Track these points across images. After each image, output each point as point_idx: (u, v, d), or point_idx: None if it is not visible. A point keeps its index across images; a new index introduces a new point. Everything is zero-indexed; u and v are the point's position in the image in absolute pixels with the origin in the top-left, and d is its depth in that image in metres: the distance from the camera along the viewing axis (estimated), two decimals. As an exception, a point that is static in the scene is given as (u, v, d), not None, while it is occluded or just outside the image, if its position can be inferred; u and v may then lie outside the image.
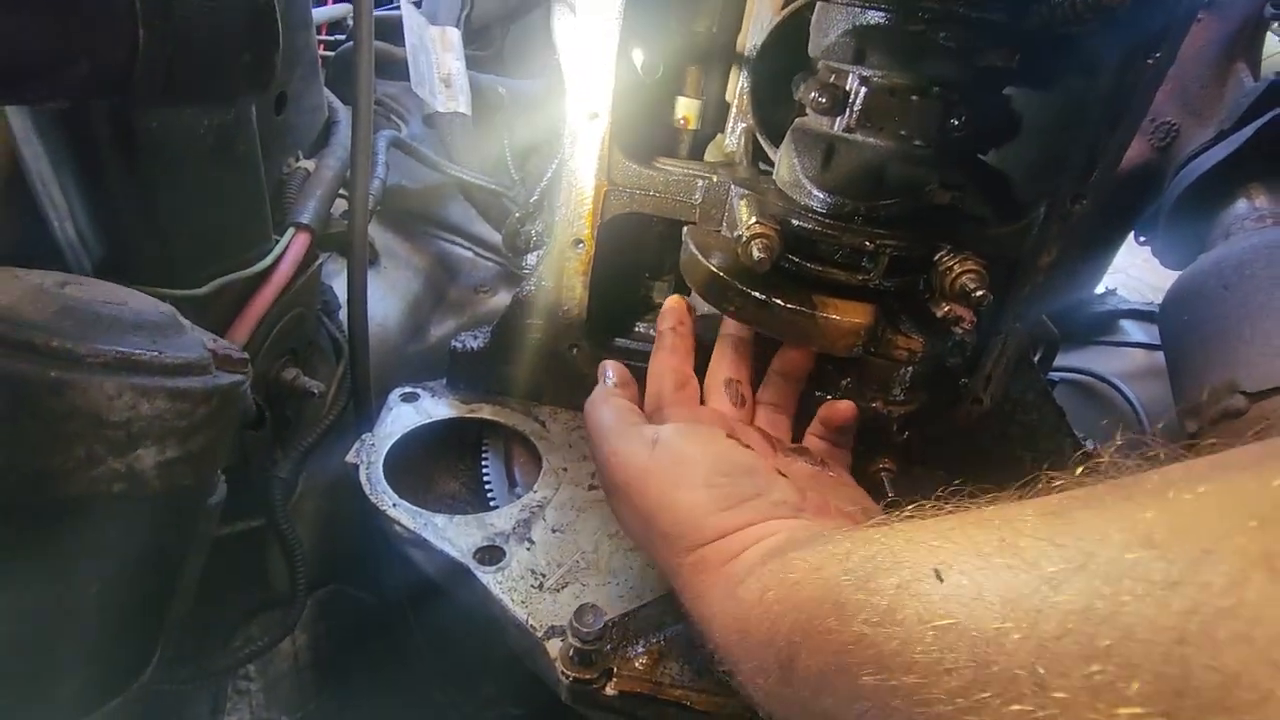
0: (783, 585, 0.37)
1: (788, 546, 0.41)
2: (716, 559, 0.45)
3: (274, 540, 0.71)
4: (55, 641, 0.34)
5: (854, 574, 0.32)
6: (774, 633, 0.36)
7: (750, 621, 0.39)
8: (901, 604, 0.28)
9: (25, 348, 0.29)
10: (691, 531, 0.47)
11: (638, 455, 0.52)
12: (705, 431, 0.53)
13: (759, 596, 0.38)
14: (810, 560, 0.36)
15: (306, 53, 0.69)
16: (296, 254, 0.61)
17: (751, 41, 0.68)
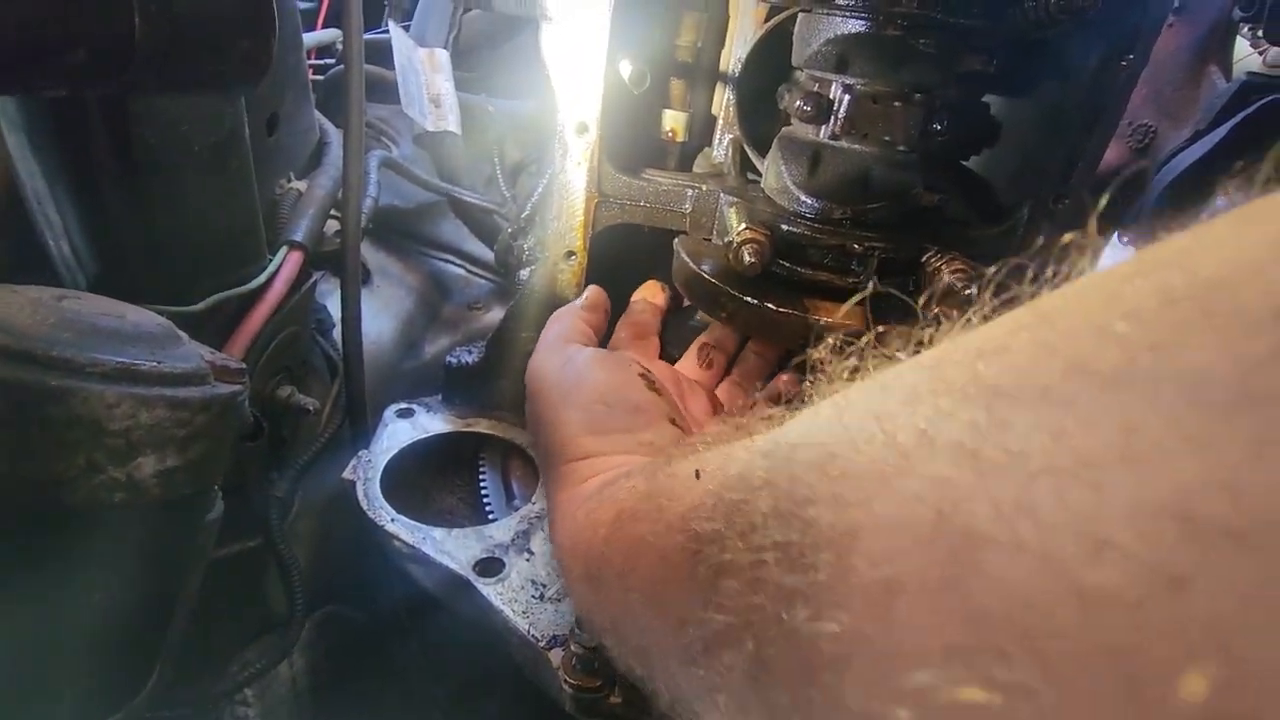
0: (604, 502, 0.41)
1: (616, 480, 0.44)
2: (572, 479, 0.48)
3: (270, 561, 0.71)
4: (54, 655, 0.34)
5: (648, 485, 0.36)
6: (591, 543, 0.39)
7: (578, 535, 0.42)
8: (669, 504, 0.31)
9: (26, 358, 0.30)
10: (562, 447, 0.51)
11: (550, 367, 0.57)
12: (615, 361, 0.57)
13: (587, 514, 0.42)
14: (630, 479, 0.40)
15: (298, 74, 0.70)
16: (290, 271, 0.61)
17: (735, 55, 0.69)
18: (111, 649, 0.37)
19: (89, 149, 0.41)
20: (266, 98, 0.65)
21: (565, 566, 0.45)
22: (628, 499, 0.37)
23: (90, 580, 0.34)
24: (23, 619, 0.33)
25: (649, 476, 0.37)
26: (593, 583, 0.39)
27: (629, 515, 0.36)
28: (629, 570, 0.33)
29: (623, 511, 0.37)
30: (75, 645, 0.35)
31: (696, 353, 0.67)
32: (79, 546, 0.33)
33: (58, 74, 0.33)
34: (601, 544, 0.37)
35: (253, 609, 0.73)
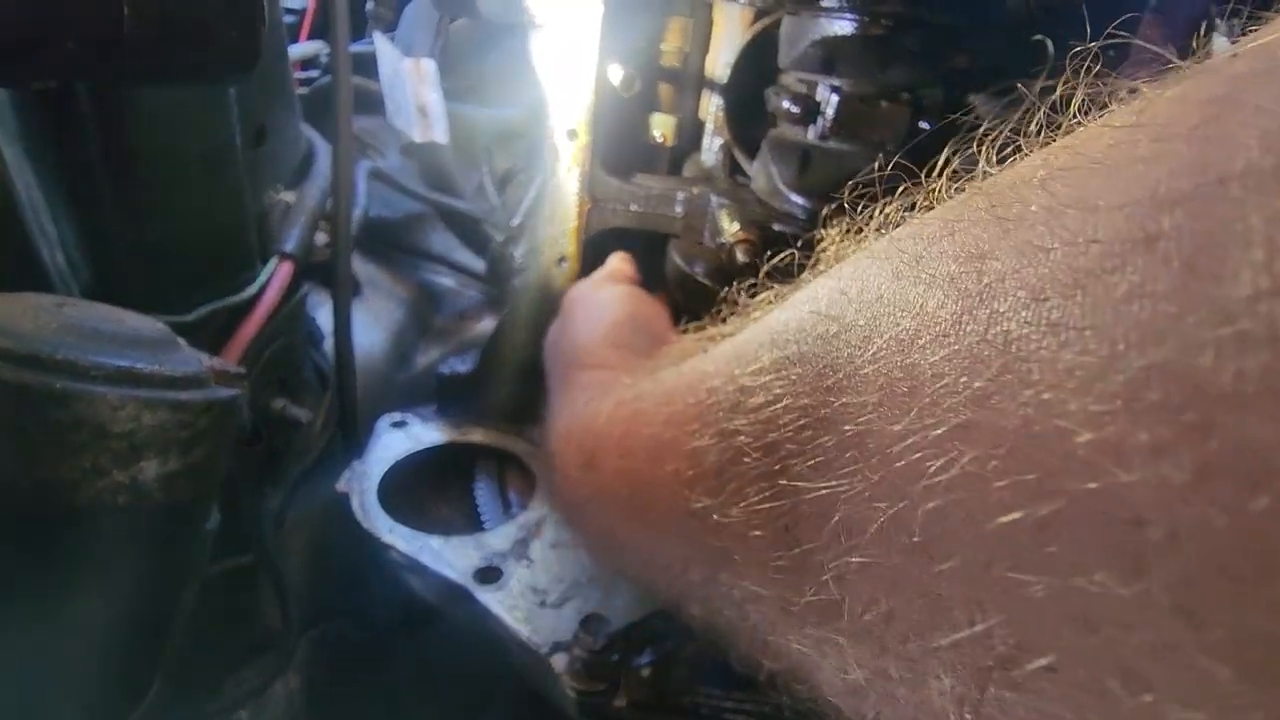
0: (604, 395, 0.42)
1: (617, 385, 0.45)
2: (577, 385, 0.49)
3: (264, 578, 0.70)
4: (55, 665, 0.33)
5: (652, 372, 0.38)
6: (587, 430, 0.40)
7: (574, 427, 0.43)
8: (671, 376, 0.33)
9: (31, 361, 0.29)
10: (580, 352, 0.53)
11: (587, 290, 0.63)
12: (648, 298, 0.62)
13: (584, 407, 0.43)
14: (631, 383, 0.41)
15: (284, 85, 0.70)
16: (282, 281, 0.61)
17: (722, 60, 0.70)
18: (111, 660, 0.37)
19: (84, 158, 0.40)
20: (254, 109, 0.65)
21: (556, 458, 0.46)
22: (628, 387, 0.39)
23: (91, 587, 0.33)
24: (25, 627, 0.32)
25: (652, 367, 0.39)
26: (587, 467, 0.39)
27: (631, 397, 0.36)
28: (626, 440, 0.34)
29: (623, 398, 0.37)
30: (76, 655, 0.34)
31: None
32: (81, 552, 0.32)
33: (46, 65, 0.32)
34: (599, 428, 0.38)
35: (247, 626, 0.72)
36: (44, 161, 0.40)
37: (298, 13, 1.09)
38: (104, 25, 0.34)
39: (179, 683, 0.50)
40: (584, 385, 0.49)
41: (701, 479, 0.27)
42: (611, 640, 0.51)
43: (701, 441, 0.27)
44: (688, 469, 0.28)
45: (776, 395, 0.24)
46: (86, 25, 0.33)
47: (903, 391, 0.19)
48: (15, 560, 0.32)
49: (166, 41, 0.36)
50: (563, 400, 0.50)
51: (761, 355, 0.26)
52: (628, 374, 0.48)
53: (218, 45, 0.39)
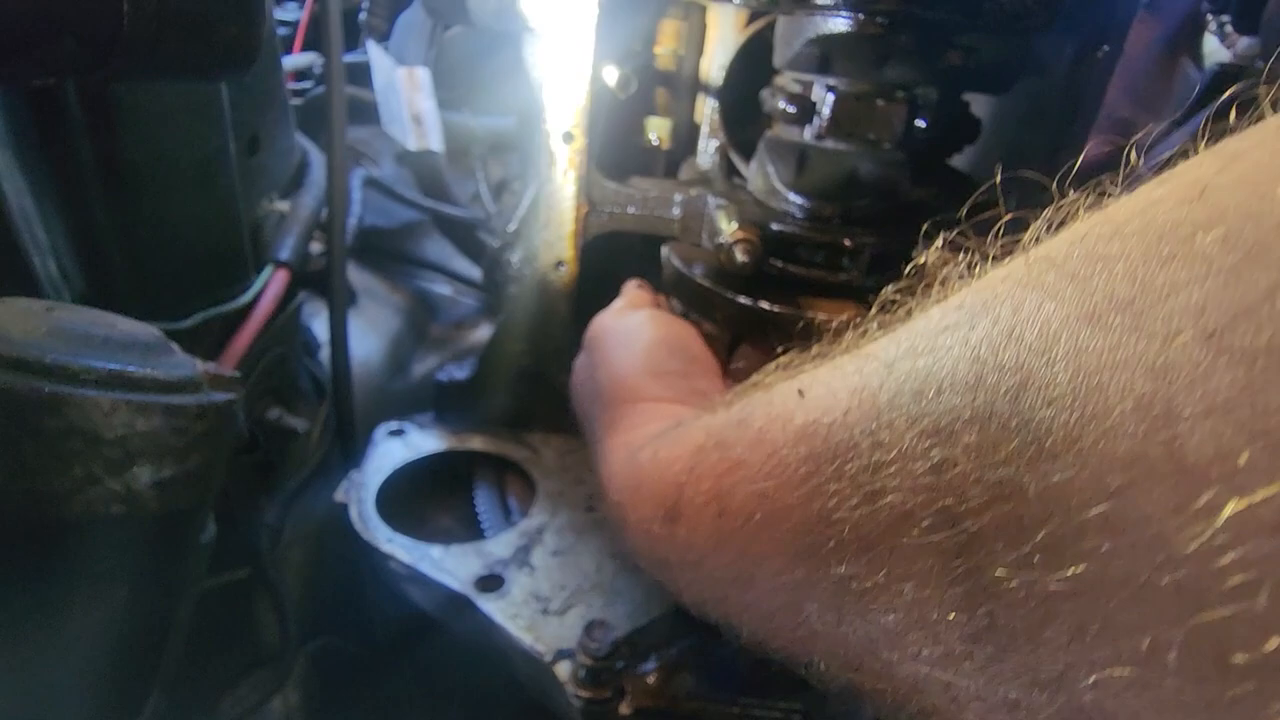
0: (675, 440, 0.39)
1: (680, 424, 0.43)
2: (629, 422, 0.47)
3: (261, 592, 0.69)
4: (51, 676, 0.32)
5: (733, 414, 0.34)
6: (663, 480, 0.37)
7: (643, 475, 0.41)
8: (770, 425, 0.29)
9: (20, 365, 0.29)
10: (620, 387, 0.51)
11: (613, 318, 0.60)
12: (673, 318, 0.60)
13: (653, 454, 0.41)
14: (700, 418, 0.39)
15: (278, 94, 0.70)
16: (277, 290, 0.60)
17: (716, 62, 0.70)
18: (107, 673, 0.36)
19: (75, 163, 0.40)
20: (247, 118, 0.64)
21: (627, 510, 0.42)
22: (700, 428, 0.36)
23: (86, 599, 0.33)
24: (22, 640, 0.31)
25: (729, 405, 0.36)
26: (670, 521, 0.36)
27: (713, 442, 0.34)
28: (723, 498, 0.31)
29: (704, 444, 0.34)
30: (71, 668, 0.33)
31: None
32: (76, 563, 0.32)
33: (46, 62, 0.32)
34: (679, 478, 0.35)
35: (244, 642, 0.71)
36: (34, 167, 0.40)
37: (291, 24, 1.09)
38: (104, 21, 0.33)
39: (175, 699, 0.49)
40: (636, 423, 0.46)
41: (843, 547, 0.24)
42: (616, 647, 0.50)
43: (835, 502, 0.24)
44: (821, 531, 0.25)
45: (951, 458, 0.21)
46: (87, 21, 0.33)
47: (1164, 470, 0.16)
48: (6, 573, 0.32)
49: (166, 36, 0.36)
50: (614, 442, 0.47)
51: (905, 405, 0.23)
52: (686, 408, 0.47)
53: (217, 40, 0.39)
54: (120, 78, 0.41)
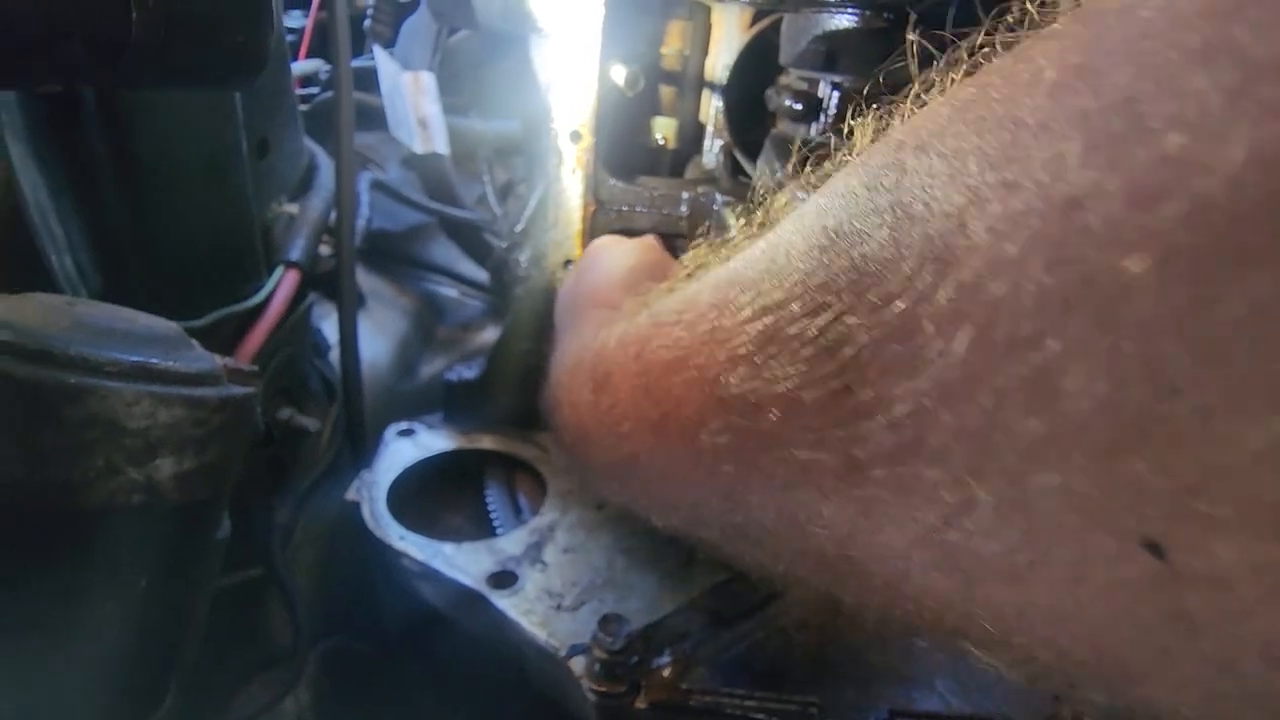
0: (613, 329, 0.41)
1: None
2: (588, 324, 0.49)
3: (273, 591, 0.69)
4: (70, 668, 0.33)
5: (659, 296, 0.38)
6: (599, 357, 0.40)
7: (583, 357, 0.43)
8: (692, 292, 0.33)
9: (43, 357, 0.29)
10: (590, 296, 0.54)
11: (601, 242, 0.63)
12: (659, 249, 0.63)
13: (594, 333, 0.43)
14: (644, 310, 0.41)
15: (286, 98, 0.70)
16: (288, 290, 0.60)
17: (721, 62, 0.71)
18: (127, 666, 0.36)
19: (91, 161, 0.40)
20: (257, 121, 0.65)
21: (562, 390, 0.45)
22: (639, 310, 0.38)
23: (105, 591, 0.33)
24: (42, 632, 0.31)
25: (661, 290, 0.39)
26: (597, 390, 0.39)
27: (645, 317, 0.36)
28: (645, 354, 0.34)
29: (636, 319, 0.37)
30: (89, 662, 0.34)
31: None
32: (96, 554, 0.32)
33: (53, 67, 0.32)
34: (612, 353, 0.38)
35: (256, 642, 0.71)
36: (51, 164, 0.40)
37: (296, 31, 1.10)
38: (111, 27, 0.34)
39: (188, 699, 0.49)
40: (592, 321, 0.48)
41: (737, 362, 0.27)
42: (631, 641, 0.50)
43: (733, 322, 0.27)
44: (721, 355, 0.27)
45: (822, 264, 0.24)
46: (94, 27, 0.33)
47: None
48: (27, 563, 0.32)
49: (174, 44, 0.36)
50: (570, 337, 0.50)
51: (796, 241, 0.26)
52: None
53: (225, 47, 0.39)
54: (128, 85, 0.41)
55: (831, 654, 0.54)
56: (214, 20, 0.38)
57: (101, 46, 0.34)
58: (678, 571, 0.60)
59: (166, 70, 0.37)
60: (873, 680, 0.52)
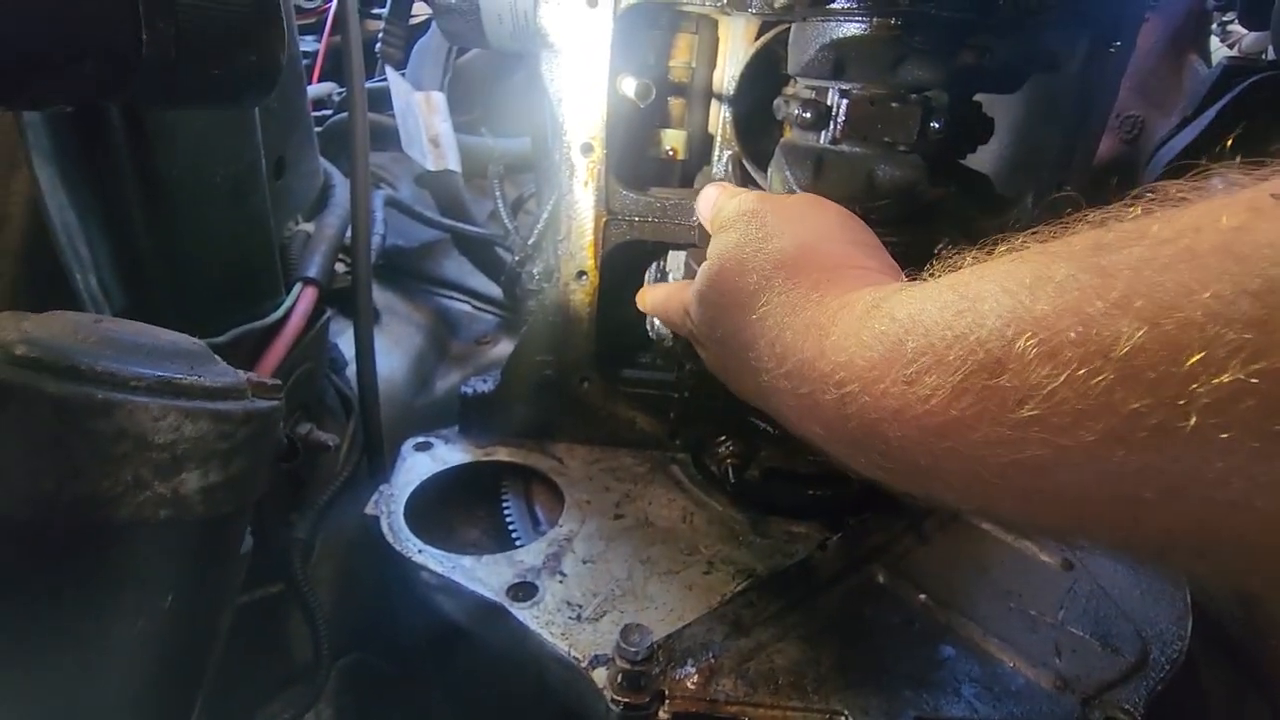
0: (959, 299, 0.33)
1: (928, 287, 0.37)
2: (838, 288, 0.41)
3: (293, 607, 0.69)
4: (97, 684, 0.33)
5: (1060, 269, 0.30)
6: (979, 336, 0.31)
7: (888, 341, 0.35)
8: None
9: (71, 373, 0.29)
10: (815, 253, 0.45)
11: (764, 199, 0.52)
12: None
13: (934, 312, 0.34)
14: (984, 274, 0.34)
15: (302, 119, 0.71)
16: (306, 306, 0.61)
17: (729, 73, 0.71)
18: (154, 680, 0.36)
19: (116, 180, 0.41)
20: (274, 141, 0.66)
21: (863, 378, 0.36)
22: (1012, 283, 0.31)
23: (135, 604, 0.33)
24: (71, 646, 0.32)
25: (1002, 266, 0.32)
26: (992, 371, 0.30)
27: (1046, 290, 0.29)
28: (1085, 341, 0.27)
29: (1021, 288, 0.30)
30: (120, 674, 0.34)
31: None
32: (124, 568, 0.32)
33: (65, 87, 0.33)
34: (999, 335, 0.30)
35: (277, 658, 0.71)
36: (78, 186, 0.41)
37: (310, 55, 1.12)
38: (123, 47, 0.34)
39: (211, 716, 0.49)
40: (859, 285, 0.40)
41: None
42: (653, 651, 0.50)
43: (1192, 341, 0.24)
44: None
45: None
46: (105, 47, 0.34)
47: None
48: (57, 579, 0.32)
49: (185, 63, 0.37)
50: (827, 308, 0.40)
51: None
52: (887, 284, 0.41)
53: (237, 66, 0.40)
54: (140, 102, 0.42)
55: (857, 661, 0.54)
56: (225, 40, 0.39)
57: (114, 66, 0.35)
58: (699, 580, 0.60)
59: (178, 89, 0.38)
60: (898, 687, 0.52)
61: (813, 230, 0.48)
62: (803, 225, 0.48)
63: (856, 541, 0.65)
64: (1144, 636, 0.58)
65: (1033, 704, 0.52)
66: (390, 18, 1.05)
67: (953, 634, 0.57)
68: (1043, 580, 0.63)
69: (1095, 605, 0.60)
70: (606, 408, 0.75)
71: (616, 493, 0.69)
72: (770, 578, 0.60)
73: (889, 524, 0.66)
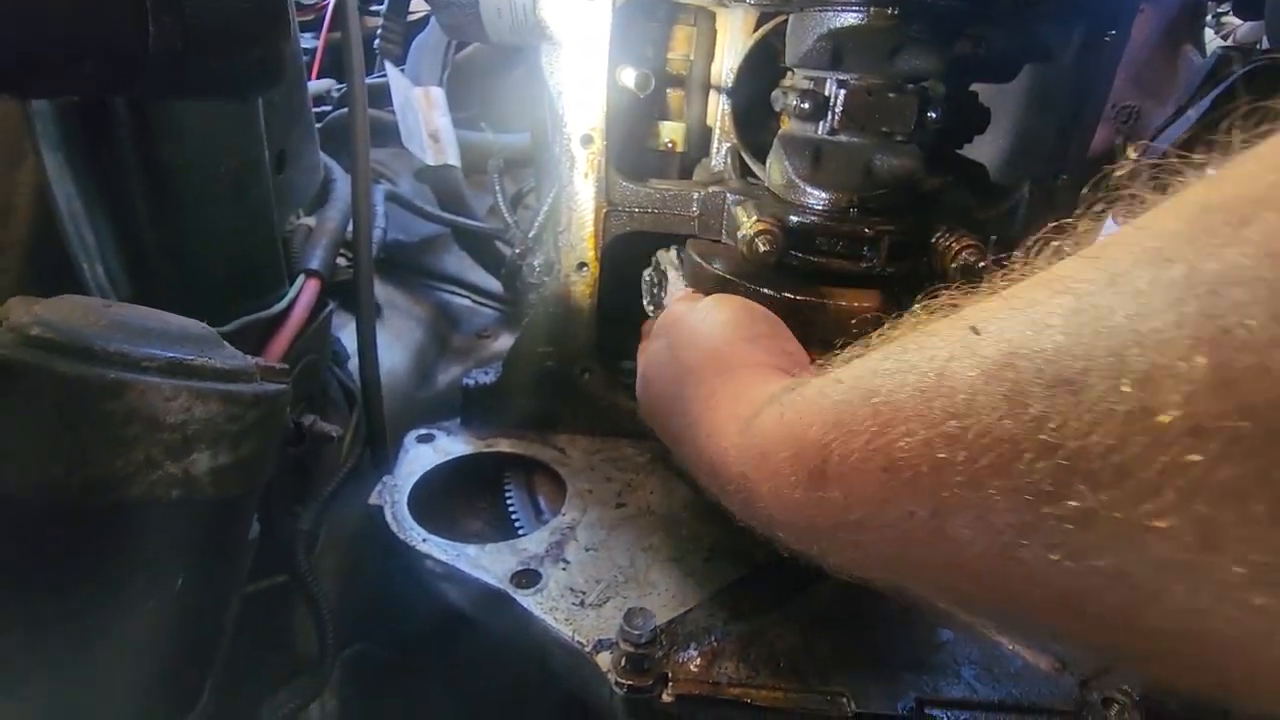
0: (803, 402, 0.37)
1: (796, 386, 0.40)
2: (729, 394, 0.46)
3: (298, 598, 0.69)
4: (110, 664, 0.33)
5: (873, 366, 0.32)
6: (801, 442, 0.35)
7: (771, 441, 0.38)
8: (948, 365, 0.27)
9: (84, 353, 0.30)
10: (709, 359, 0.51)
11: (676, 306, 0.60)
12: (736, 295, 0.59)
13: (777, 420, 0.38)
14: (823, 376, 0.36)
15: (303, 113, 0.72)
16: (309, 298, 0.62)
17: (727, 65, 0.72)
18: (164, 664, 0.37)
19: (122, 170, 0.41)
20: (275, 135, 0.66)
21: (755, 482, 0.39)
22: (843, 387, 0.33)
23: (145, 586, 0.33)
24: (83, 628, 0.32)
25: (851, 362, 0.34)
26: (816, 485, 0.34)
27: (862, 398, 0.31)
28: (889, 450, 0.29)
29: (846, 399, 0.32)
30: (131, 657, 0.34)
31: None
32: (135, 549, 0.33)
33: (73, 80, 0.34)
34: (822, 438, 0.33)
35: (281, 649, 0.71)
36: (84, 175, 0.41)
37: (309, 52, 1.12)
38: (130, 40, 0.35)
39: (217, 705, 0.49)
40: (740, 392, 0.45)
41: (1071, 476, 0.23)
42: (656, 634, 0.50)
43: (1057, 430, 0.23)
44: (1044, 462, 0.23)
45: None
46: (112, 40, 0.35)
47: None
48: (70, 560, 0.33)
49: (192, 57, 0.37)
50: (719, 415, 0.45)
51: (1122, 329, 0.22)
52: (785, 373, 0.46)
53: (242, 59, 0.40)
54: (147, 95, 0.42)
55: (857, 645, 0.54)
56: (230, 34, 0.39)
57: (121, 60, 0.35)
58: (700, 567, 0.60)
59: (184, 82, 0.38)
60: (899, 670, 0.52)
61: (712, 333, 0.53)
62: (706, 329, 0.54)
63: (856, 528, 0.65)
64: (1141, 619, 0.58)
65: (1032, 685, 0.52)
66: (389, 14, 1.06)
67: (951, 617, 0.58)
68: (1041, 565, 0.63)
69: (1093, 589, 0.61)
70: (608, 398, 0.75)
71: (618, 482, 0.70)
72: (770, 564, 0.61)
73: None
